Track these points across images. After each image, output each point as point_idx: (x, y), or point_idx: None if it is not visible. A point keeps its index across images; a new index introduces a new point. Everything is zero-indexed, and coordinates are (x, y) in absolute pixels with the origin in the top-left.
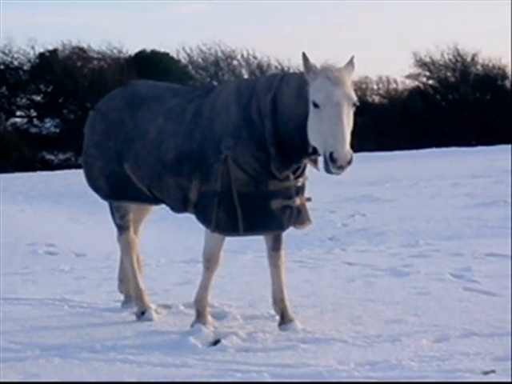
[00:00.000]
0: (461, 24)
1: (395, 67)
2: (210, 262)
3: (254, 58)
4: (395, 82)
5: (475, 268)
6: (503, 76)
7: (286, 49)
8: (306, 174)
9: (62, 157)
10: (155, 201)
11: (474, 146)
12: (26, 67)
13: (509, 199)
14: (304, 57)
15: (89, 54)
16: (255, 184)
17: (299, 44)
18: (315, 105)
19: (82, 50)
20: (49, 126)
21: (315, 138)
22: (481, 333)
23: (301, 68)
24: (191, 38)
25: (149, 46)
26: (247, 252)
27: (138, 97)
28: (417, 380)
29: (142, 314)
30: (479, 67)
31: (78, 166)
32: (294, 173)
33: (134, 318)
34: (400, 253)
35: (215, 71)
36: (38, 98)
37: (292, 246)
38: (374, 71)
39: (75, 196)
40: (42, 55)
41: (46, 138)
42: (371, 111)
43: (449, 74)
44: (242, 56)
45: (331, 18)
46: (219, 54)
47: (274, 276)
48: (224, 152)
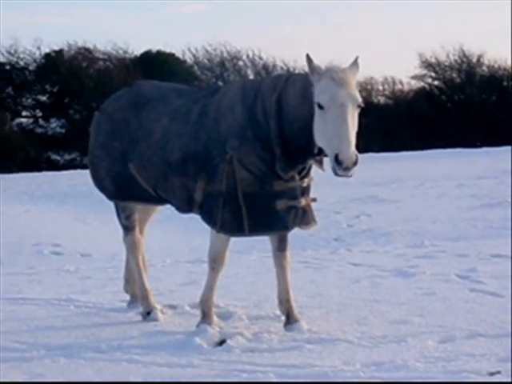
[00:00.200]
0: (467, 25)
1: (400, 68)
2: (215, 262)
3: (260, 58)
4: (401, 82)
5: (481, 269)
6: (509, 77)
7: (292, 49)
8: (312, 175)
9: (67, 157)
10: (160, 201)
11: (480, 147)
12: (32, 67)
13: (509, 199)
14: (308, 58)
15: (94, 55)
16: (260, 184)
17: (304, 44)
18: (320, 106)
19: (87, 50)
20: (54, 126)
21: (321, 139)
22: (486, 334)
23: (306, 69)
24: (197, 39)
25: (154, 47)
26: (252, 252)
27: (144, 97)
28: (422, 381)
29: (148, 314)
30: (485, 68)
31: (84, 167)
32: (299, 173)
33: (139, 318)
34: (406, 253)
35: (221, 72)
36: (43, 99)
37: (297, 247)
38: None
39: (81, 196)
40: (47, 55)
41: (52, 138)
42: (377, 112)
43: (454, 74)
44: (248, 56)
45: (336, 19)
46: (225, 54)
47: (279, 276)
48: (229, 152)
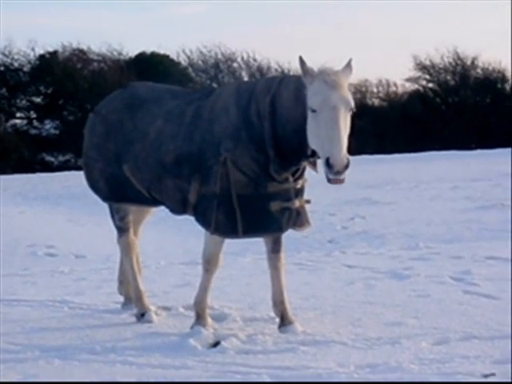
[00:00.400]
0: (461, 27)
1: (395, 70)
2: (209, 263)
3: (254, 60)
4: (395, 85)
5: (475, 271)
6: (503, 79)
7: (286, 51)
8: (306, 176)
9: (61, 158)
10: (154, 203)
11: (474, 149)
12: (26, 69)
13: (505, 202)
14: (301, 60)
15: (89, 56)
16: (254, 186)
17: (299, 46)
18: (312, 109)
19: (82, 51)
20: (49, 127)
21: (314, 142)
22: (481, 336)
23: (300, 71)
24: (191, 40)
25: (149, 48)
26: (247, 254)
27: (138, 99)
28: (417, 381)
29: (142, 316)
30: (479, 70)
31: (78, 168)
32: (293, 175)
33: (133, 319)
34: (400, 255)
35: (215, 73)
36: (37, 100)
37: (291, 249)
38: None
39: (75, 198)
40: (42, 57)
41: (46, 140)
42: (371, 114)
43: (449, 77)
44: (242, 58)
45: (331, 20)
46: (219, 56)
47: (273, 278)
48: (223, 154)
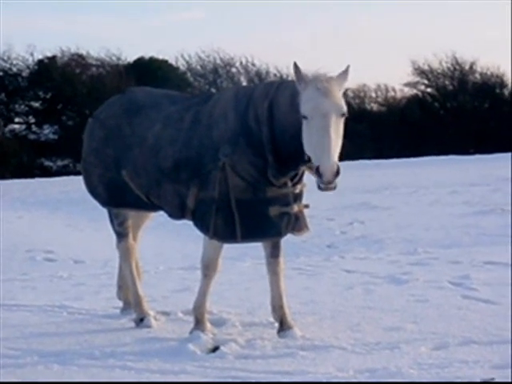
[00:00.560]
0: (459, 32)
1: (393, 75)
2: (208, 268)
3: (253, 65)
4: (393, 89)
5: (474, 276)
6: (501, 84)
7: (285, 56)
8: (304, 181)
9: (60, 163)
10: (153, 208)
11: (472, 154)
12: (25, 74)
13: (506, 207)
14: (295, 66)
15: (87, 61)
16: (253, 191)
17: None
18: (304, 116)
19: (80, 56)
20: (47, 132)
21: (307, 148)
22: (480, 341)
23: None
24: (190, 45)
25: (147, 53)
26: (245, 259)
27: (136, 104)
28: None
29: (141, 321)
30: (477, 75)
31: (77, 173)
32: (291, 179)
33: (132, 324)
34: (399, 260)
35: (214, 78)
36: (36, 105)
37: (290, 254)
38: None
39: (74, 203)
40: (40, 62)
41: (45, 145)
42: (369, 119)
43: (447, 82)
44: (241, 63)
45: (329, 26)
46: (218, 61)
47: (272, 283)
48: (222, 159)
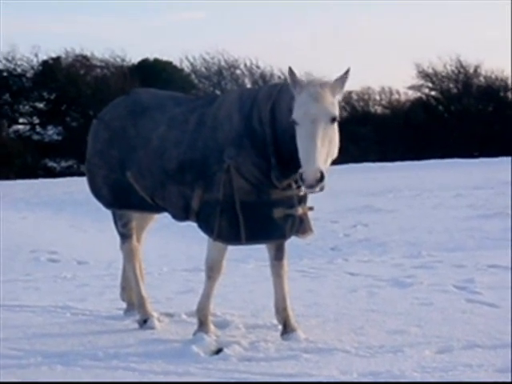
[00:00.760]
0: (464, 35)
1: (398, 78)
2: (212, 270)
3: (257, 67)
4: (398, 92)
5: (478, 279)
6: (506, 88)
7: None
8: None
9: (64, 164)
10: (157, 209)
11: (476, 157)
12: (29, 74)
13: (508, 210)
14: (290, 71)
15: (92, 62)
16: (257, 193)
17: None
18: (294, 122)
19: (85, 57)
20: (51, 133)
21: (299, 153)
22: (484, 344)
23: (303, 78)
24: (194, 47)
25: (152, 55)
26: (249, 261)
27: (141, 105)
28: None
29: (145, 322)
30: (482, 79)
31: (81, 174)
32: (296, 182)
33: (136, 325)
34: (402, 263)
35: (218, 80)
36: (40, 106)
37: (294, 256)
38: (376, 82)
39: (77, 203)
40: (45, 63)
41: (49, 146)
42: (373, 122)
43: (451, 85)
44: (245, 65)
45: (333, 28)
46: (222, 63)
47: (276, 285)
48: (227, 161)
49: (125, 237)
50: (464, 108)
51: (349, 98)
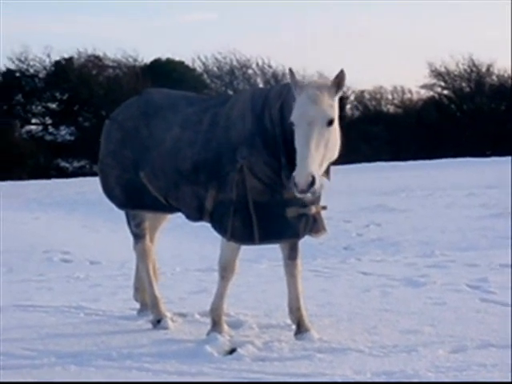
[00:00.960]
0: (476, 34)
1: (410, 77)
2: (225, 270)
3: (269, 66)
4: (410, 91)
5: (491, 279)
6: None
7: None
8: (322, 183)
9: (76, 164)
10: (171, 209)
11: (489, 156)
12: (42, 75)
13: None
14: (291, 73)
15: (104, 62)
16: (270, 192)
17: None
18: (291, 123)
19: (97, 58)
20: (64, 133)
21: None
22: (498, 344)
23: (314, 78)
24: (206, 47)
25: (164, 55)
26: (262, 261)
27: (154, 105)
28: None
29: (158, 323)
30: (494, 77)
31: (93, 174)
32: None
33: (149, 326)
34: (415, 263)
35: (230, 80)
36: (53, 106)
37: (307, 256)
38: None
39: (90, 204)
40: (57, 63)
41: (61, 146)
42: (386, 121)
43: (464, 84)
44: (257, 65)
45: (346, 28)
46: (234, 62)
47: (290, 285)
48: (240, 161)
49: (138, 237)
50: (476, 107)
51: (361, 97)
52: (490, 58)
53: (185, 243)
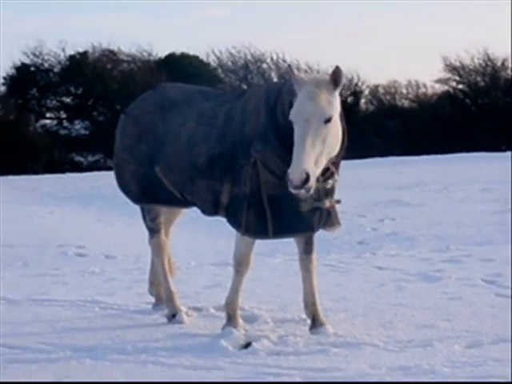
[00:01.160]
0: (491, 28)
1: (425, 71)
2: (240, 265)
3: (284, 61)
4: (424, 86)
5: (507, 274)
6: None
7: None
8: (336, 177)
9: (91, 159)
10: (186, 204)
11: (504, 150)
12: (57, 69)
13: None
14: (290, 69)
15: (119, 57)
16: (284, 186)
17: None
18: (291, 120)
19: (111, 52)
20: (78, 127)
21: None
22: None
23: (329, 71)
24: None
25: (178, 49)
26: (276, 255)
27: (169, 100)
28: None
29: (173, 317)
30: (509, 72)
31: (108, 168)
32: (322, 174)
33: (164, 320)
34: (430, 258)
35: (245, 74)
36: (67, 100)
37: (321, 250)
38: (403, 75)
39: (105, 198)
40: (72, 57)
41: (76, 140)
42: (400, 115)
43: (479, 78)
44: (272, 59)
45: (360, 22)
46: (249, 57)
47: (305, 280)
48: (253, 155)
49: (153, 231)
50: (491, 101)
51: (376, 91)
52: (505, 52)
53: (200, 237)
